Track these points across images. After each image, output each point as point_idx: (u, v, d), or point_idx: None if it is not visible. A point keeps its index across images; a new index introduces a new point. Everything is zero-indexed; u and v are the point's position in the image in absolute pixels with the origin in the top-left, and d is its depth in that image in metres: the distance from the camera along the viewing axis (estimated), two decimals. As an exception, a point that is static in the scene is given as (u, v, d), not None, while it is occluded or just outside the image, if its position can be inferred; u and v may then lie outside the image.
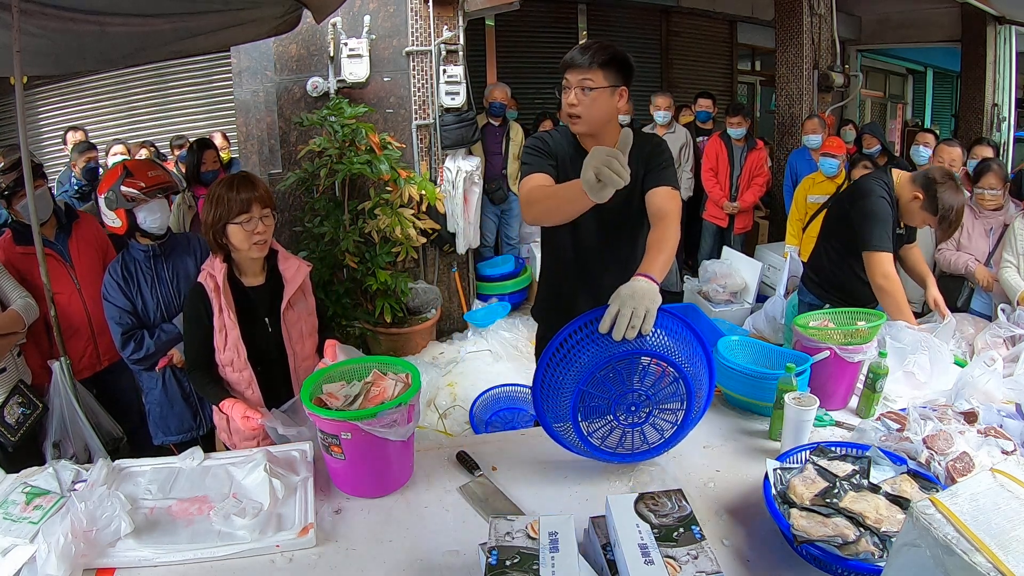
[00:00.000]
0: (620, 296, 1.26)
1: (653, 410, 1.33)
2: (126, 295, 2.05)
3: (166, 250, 2.13)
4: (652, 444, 1.39)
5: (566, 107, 1.69)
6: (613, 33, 6.75)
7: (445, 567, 1.19)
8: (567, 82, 1.68)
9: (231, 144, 4.95)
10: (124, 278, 2.06)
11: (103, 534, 1.20)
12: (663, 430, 1.37)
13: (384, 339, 4.02)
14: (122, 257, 2.10)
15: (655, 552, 1.00)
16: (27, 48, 2.15)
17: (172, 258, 2.15)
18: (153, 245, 2.10)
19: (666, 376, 1.29)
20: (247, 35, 2.96)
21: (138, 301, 2.07)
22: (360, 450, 1.33)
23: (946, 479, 1.29)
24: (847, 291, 2.45)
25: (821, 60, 5.70)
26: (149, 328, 2.08)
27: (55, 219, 2.38)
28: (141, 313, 2.08)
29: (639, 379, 1.30)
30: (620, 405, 1.31)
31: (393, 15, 3.95)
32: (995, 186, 2.96)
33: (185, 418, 2.19)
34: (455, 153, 4.12)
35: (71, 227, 2.43)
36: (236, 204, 1.62)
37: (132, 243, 2.10)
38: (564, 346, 1.30)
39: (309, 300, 1.85)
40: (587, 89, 1.65)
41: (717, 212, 4.84)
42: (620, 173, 1.22)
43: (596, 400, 1.30)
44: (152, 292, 2.09)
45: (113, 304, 2.04)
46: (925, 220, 2.25)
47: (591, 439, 1.35)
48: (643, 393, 1.30)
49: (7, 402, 2.04)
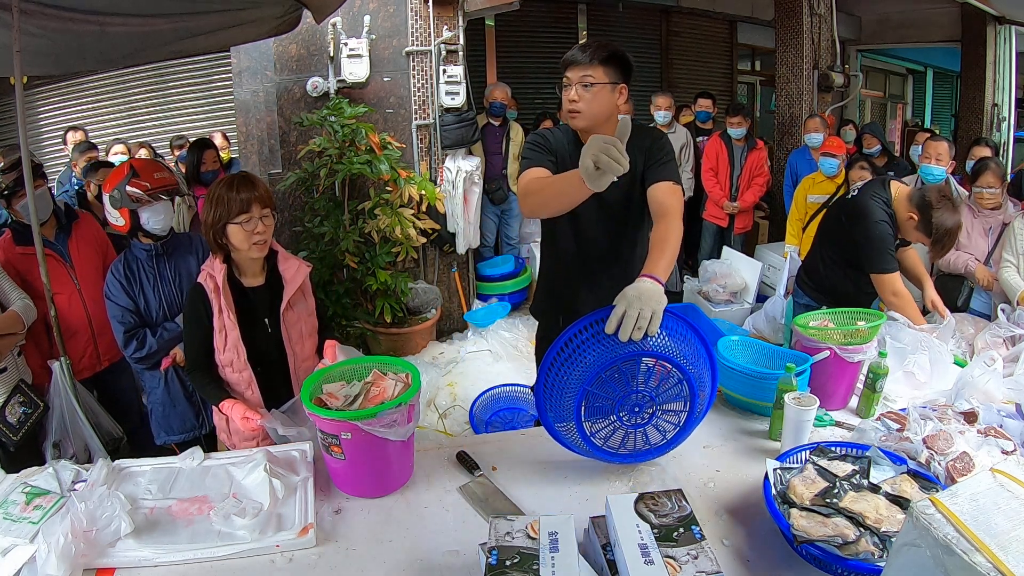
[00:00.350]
0: (626, 297, 1.26)
1: (656, 411, 1.33)
2: (128, 294, 2.05)
3: (168, 249, 2.14)
4: (654, 444, 1.39)
5: (566, 103, 1.70)
6: (613, 33, 6.75)
7: (445, 567, 1.19)
8: (567, 80, 1.69)
9: (231, 144, 4.95)
10: (127, 277, 2.06)
11: (103, 534, 1.20)
12: (665, 431, 1.37)
13: (384, 339, 4.02)
14: (124, 256, 2.10)
15: (655, 552, 1.00)
16: (27, 48, 2.15)
17: (174, 257, 2.15)
18: (155, 244, 2.10)
19: (670, 377, 1.29)
20: (247, 35, 2.96)
21: (140, 300, 2.08)
22: (360, 450, 1.32)
23: (946, 479, 1.29)
24: (840, 295, 2.46)
25: (821, 60, 5.70)
26: (151, 327, 2.08)
27: (55, 219, 2.38)
28: (143, 312, 2.08)
29: (643, 380, 1.29)
30: (624, 406, 1.31)
31: (393, 15, 3.95)
32: (993, 185, 2.95)
33: (188, 417, 2.19)
34: (455, 153, 4.12)
35: (71, 227, 2.43)
36: (236, 204, 1.62)
37: (134, 242, 2.10)
38: (568, 346, 1.30)
39: (309, 301, 1.85)
40: (587, 85, 1.66)
41: (717, 212, 4.84)
42: (619, 160, 1.22)
43: (600, 400, 1.30)
44: (154, 291, 2.09)
45: (115, 303, 2.04)
46: (919, 239, 2.27)
47: (594, 439, 1.34)
48: (647, 394, 1.30)
49: (8, 401, 2.04)
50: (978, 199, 3.00)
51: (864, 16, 7.56)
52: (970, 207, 3.06)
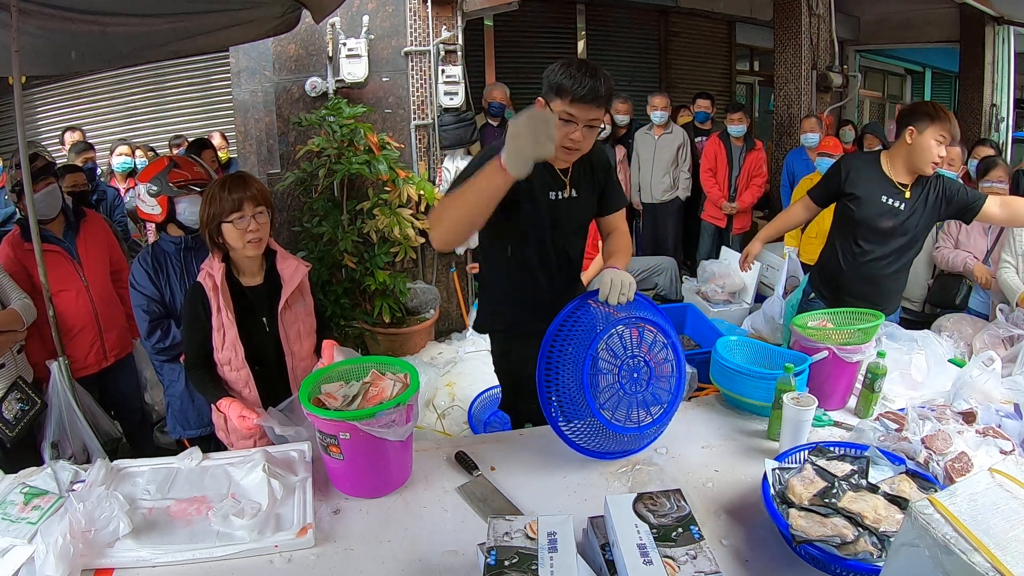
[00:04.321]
0: (605, 275, 1.50)
1: (652, 378, 1.45)
2: (155, 283, 2.04)
3: (197, 244, 2.13)
4: (654, 416, 1.45)
5: (567, 141, 1.55)
6: (612, 33, 6.76)
7: (444, 567, 1.19)
8: (572, 117, 1.52)
9: (229, 144, 4.95)
10: (154, 268, 2.05)
11: (101, 534, 1.20)
12: (661, 400, 1.47)
13: (383, 339, 4.01)
14: (152, 248, 2.10)
15: (654, 552, 1.00)
16: (26, 48, 2.16)
17: (201, 252, 2.13)
18: (185, 237, 2.10)
19: (655, 343, 1.47)
20: (246, 35, 2.96)
21: (166, 291, 2.07)
22: (359, 450, 1.33)
23: (944, 479, 1.29)
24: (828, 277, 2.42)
25: (820, 60, 5.70)
26: (176, 318, 2.07)
27: (63, 217, 2.41)
28: (168, 303, 2.07)
29: (635, 346, 1.45)
30: (624, 371, 1.42)
31: (392, 15, 3.94)
32: (1001, 179, 2.97)
33: (204, 412, 2.17)
34: (454, 153, 4.12)
35: (79, 225, 2.46)
36: (228, 203, 1.63)
37: (163, 235, 2.11)
38: (568, 322, 1.47)
39: (307, 300, 1.85)
40: (592, 127, 1.57)
41: (715, 212, 4.84)
42: (553, 141, 1.28)
43: (606, 363, 1.42)
44: (180, 284, 2.08)
45: (141, 292, 2.02)
46: (923, 143, 2.09)
47: (602, 411, 1.40)
48: (642, 359, 1.44)
49: (5, 397, 2.05)
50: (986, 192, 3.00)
51: (863, 16, 7.56)
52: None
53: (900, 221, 2.19)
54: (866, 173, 2.23)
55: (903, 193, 2.18)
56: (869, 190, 2.21)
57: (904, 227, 2.20)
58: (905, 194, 2.18)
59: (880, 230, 2.22)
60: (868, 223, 2.22)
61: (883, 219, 2.20)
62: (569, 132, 1.54)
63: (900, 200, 2.18)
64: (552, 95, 1.54)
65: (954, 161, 3.15)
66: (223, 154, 4.59)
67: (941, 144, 2.09)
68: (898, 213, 2.19)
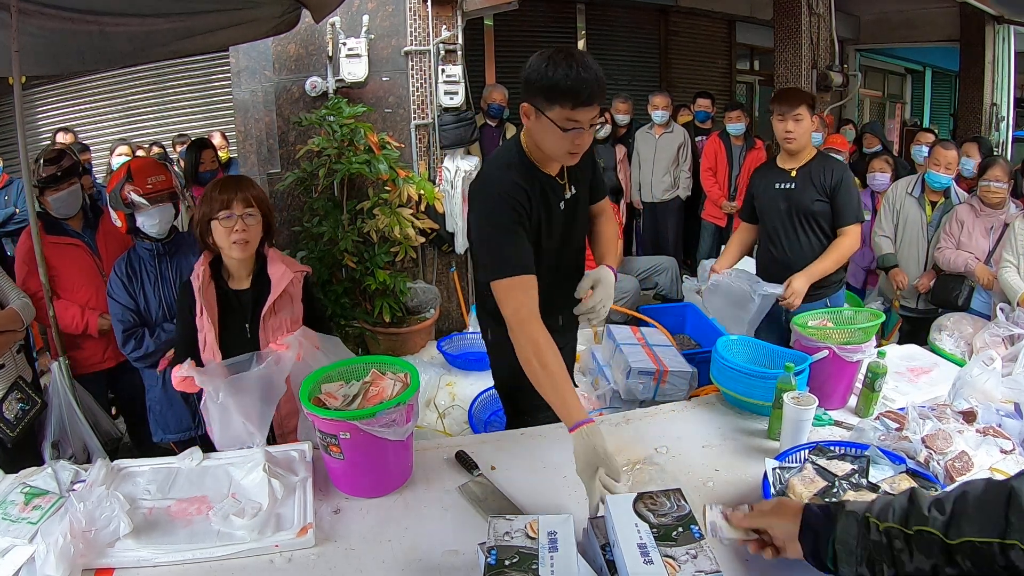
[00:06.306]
0: (602, 282, 1.62)
1: None
2: (129, 293, 2.06)
3: (171, 249, 2.14)
4: None
5: (574, 147, 1.45)
6: (612, 33, 6.75)
7: (444, 567, 1.19)
8: (577, 123, 1.39)
9: (229, 144, 4.95)
10: (128, 276, 2.07)
11: (102, 534, 1.20)
12: None
13: (383, 339, 4.01)
14: (128, 255, 2.11)
15: (654, 552, 1.00)
16: (26, 48, 2.16)
17: (177, 257, 2.15)
18: (157, 244, 2.11)
19: None
20: (246, 35, 2.96)
21: (140, 299, 2.08)
22: (359, 450, 1.32)
23: (945, 478, 1.29)
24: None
25: (820, 60, 5.71)
26: (150, 327, 2.10)
27: (83, 214, 2.44)
28: (143, 311, 2.09)
29: None
30: None
31: (392, 15, 3.94)
32: (1001, 178, 2.95)
33: (184, 417, 2.19)
34: (453, 153, 4.12)
35: (98, 222, 2.48)
36: (218, 202, 1.63)
37: (138, 242, 2.12)
38: None
39: (296, 308, 1.78)
40: (594, 125, 1.46)
41: (716, 211, 4.84)
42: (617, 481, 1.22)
43: None
44: (155, 291, 2.10)
45: (116, 301, 2.05)
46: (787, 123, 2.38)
47: None
48: None
49: (6, 397, 2.05)
50: (984, 193, 3.00)
51: (863, 16, 7.57)
52: (972, 206, 3.06)
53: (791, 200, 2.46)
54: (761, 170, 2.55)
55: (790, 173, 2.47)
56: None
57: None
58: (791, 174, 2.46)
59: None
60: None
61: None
62: (575, 138, 1.41)
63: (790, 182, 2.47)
64: (545, 102, 1.38)
65: (951, 164, 3.15)
66: (223, 154, 4.59)
67: (782, 120, 2.39)
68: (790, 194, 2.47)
